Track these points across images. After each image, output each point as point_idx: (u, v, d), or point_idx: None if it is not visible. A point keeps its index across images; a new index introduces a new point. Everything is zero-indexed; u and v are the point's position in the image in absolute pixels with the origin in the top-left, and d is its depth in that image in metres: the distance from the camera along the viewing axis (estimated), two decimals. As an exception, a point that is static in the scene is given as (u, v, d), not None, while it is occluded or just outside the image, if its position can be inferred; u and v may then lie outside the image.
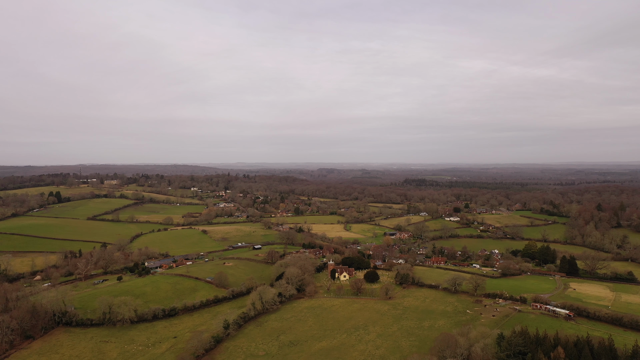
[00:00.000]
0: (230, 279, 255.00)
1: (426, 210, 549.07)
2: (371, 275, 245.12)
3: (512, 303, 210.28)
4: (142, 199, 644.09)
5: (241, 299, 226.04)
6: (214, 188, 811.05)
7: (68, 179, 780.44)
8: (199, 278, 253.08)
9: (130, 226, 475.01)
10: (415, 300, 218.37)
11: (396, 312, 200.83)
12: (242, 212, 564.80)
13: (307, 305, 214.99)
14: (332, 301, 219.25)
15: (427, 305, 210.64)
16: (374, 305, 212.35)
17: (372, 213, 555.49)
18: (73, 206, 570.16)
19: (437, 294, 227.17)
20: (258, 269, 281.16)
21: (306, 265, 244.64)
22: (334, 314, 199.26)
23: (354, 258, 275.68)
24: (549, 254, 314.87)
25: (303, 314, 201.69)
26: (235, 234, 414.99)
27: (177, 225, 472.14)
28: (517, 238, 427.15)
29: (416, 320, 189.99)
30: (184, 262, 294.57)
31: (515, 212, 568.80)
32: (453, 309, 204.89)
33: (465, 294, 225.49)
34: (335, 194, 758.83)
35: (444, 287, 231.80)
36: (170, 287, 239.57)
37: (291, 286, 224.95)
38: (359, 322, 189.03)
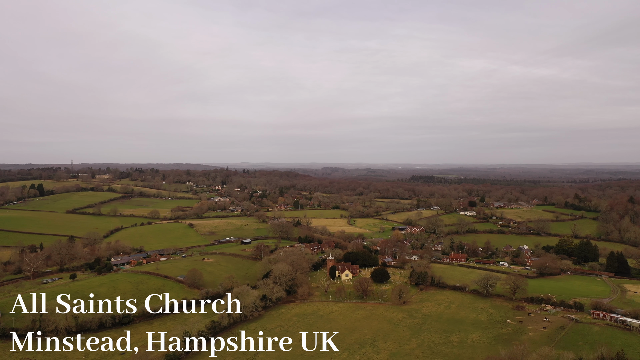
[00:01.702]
0: (206, 278, 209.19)
1: (438, 204, 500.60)
2: (380, 274, 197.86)
3: (564, 310, 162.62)
4: (132, 193, 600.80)
5: (217, 302, 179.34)
6: (211, 183, 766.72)
7: (57, 173, 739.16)
8: (169, 276, 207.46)
9: (111, 220, 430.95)
10: (438, 306, 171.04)
11: (414, 322, 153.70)
12: (237, 205, 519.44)
13: (298, 311, 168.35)
14: (330, 306, 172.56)
15: (454, 313, 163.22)
16: (385, 312, 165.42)
17: (378, 207, 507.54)
18: (54, 199, 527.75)
19: (464, 298, 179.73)
20: (243, 266, 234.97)
21: (299, 261, 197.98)
22: (333, 324, 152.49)
23: (358, 253, 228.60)
24: (589, 251, 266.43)
25: (292, 323, 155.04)
26: (224, 228, 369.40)
27: (163, 219, 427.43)
28: (542, 234, 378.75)
29: (441, 334, 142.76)
30: (158, 257, 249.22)
31: (536, 206, 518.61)
32: (488, 318, 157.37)
33: (500, 298, 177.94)
34: (339, 189, 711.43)
35: (472, 290, 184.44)
36: (131, 287, 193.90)
37: (279, 287, 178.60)
38: (364, 335, 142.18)
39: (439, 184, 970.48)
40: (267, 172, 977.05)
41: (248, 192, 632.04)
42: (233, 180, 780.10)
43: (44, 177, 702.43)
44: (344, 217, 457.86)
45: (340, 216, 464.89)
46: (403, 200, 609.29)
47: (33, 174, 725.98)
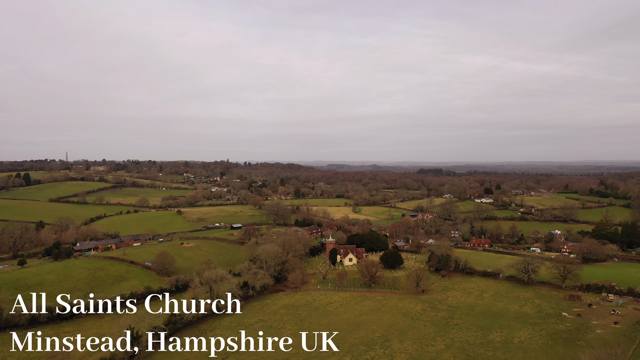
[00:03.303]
0: (181, 264, 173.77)
1: (450, 192, 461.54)
2: (391, 258, 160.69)
3: (634, 301, 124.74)
4: (124, 183, 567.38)
5: (190, 291, 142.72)
6: (209, 174, 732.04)
7: (48, 164, 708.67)
8: (135, 262, 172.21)
9: (96, 208, 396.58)
10: (466, 296, 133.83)
11: (438, 316, 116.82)
12: (234, 195, 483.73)
13: (287, 301, 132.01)
14: (329, 296, 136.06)
15: (489, 304, 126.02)
16: (399, 302, 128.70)
17: (385, 195, 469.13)
18: (40, 189, 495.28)
19: (498, 286, 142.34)
20: (227, 251, 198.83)
21: (292, 242, 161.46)
22: (331, 318, 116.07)
23: (364, 235, 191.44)
24: (636, 235, 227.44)
25: (278, 316, 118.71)
26: (216, 215, 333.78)
27: (152, 208, 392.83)
28: (570, 221, 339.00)
29: (476, 330, 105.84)
30: (131, 243, 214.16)
31: (558, 194, 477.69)
32: (536, 311, 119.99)
33: (545, 286, 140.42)
34: (343, 179, 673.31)
35: (508, 276, 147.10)
36: (86, 274, 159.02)
37: (265, 272, 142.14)
38: (373, 332, 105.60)
39: (447, 176, 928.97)
40: (269, 164, 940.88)
41: (247, 182, 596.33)
42: (233, 172, 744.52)
43: (35, 168, 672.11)
44: (349, 205, 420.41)
45: (344, 204, 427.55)
46: (412, 191, 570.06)
47: (24, 165, 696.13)
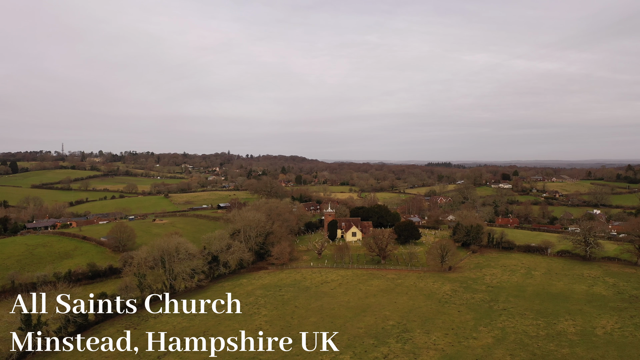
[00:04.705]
0: (146, 240, 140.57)
1: (464, 177, 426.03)
2: (406, 230, 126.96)
3: None
4: (116, 172, 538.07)
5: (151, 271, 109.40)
6: (209, 165, 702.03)
7: (42, 155, 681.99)
8: (88, 237, 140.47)
9: (80, 194, 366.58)
10: (510, 274, 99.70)
11: (475, 298, 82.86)
12: (231, 182, 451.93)
13: (270, 280, 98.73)
14: (324, 274, 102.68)
15: (544, 283, 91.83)
16: (418, 281, 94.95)
17: (394, 181, 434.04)
18: (25, 176, 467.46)
19: (550, 263, 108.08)
20: (206, 227, 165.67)
21: (281, 210, 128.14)
22: (325, 301, 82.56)
23: (371, 208, 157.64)
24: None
25: (253, 299, 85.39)
26: (206, 198, 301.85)
27: (139, 194, 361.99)
28: (601, 205, 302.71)
29: (535, 318, 71.85)
30: (97, 221, 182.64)
31: (582, 180, 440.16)
32: (613, 291, 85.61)
33: (615, 263, 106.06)
34: (349, 170, 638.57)
35: (560, 251, 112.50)
36: (22, 251, 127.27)
37: (242, 244, 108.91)
38: (385, 318, 71.84)
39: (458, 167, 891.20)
40: (272, 157, 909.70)
41: (246, 170, 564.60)
42: (233, 164, 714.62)
43: (27, 159, 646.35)
44: (354, 192, 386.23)
45: (349, 190, 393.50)
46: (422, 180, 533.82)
47: (17, 156, 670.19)
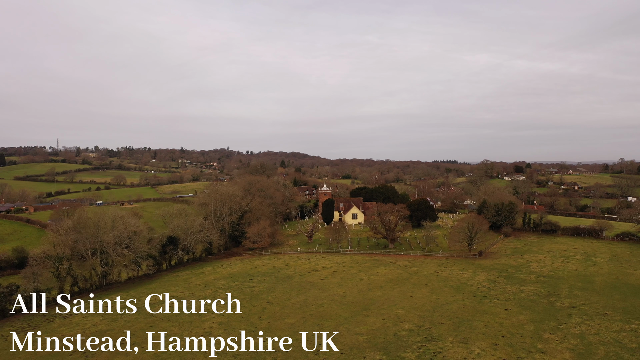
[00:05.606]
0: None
1: (473, 170, 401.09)
2: (420, 209, 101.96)
3: None
4: (108, 165, 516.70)
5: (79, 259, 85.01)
6: (207, 159, 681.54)
7: (34, 149, 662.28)
8: (33, 221, 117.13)
9: (64, 185, 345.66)
10: (564, 261, 74.91)
11: (525, 291, 57.97)
12: (227, 175, 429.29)
13: (240, 268, 74.45)
14: (314, 260, 78.36)
15: (615, 272, 66.93)
16: (441, 269, 70.33)
17: (399, 174, 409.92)
18: (12, 169, 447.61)
19: (610, 247, 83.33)
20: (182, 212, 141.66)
21: (263, 184, 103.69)
22: (312, 295, 58.04)
23: (375, 189, 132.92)
24: None
25: (210, 291, 60.70)
26: (194, 188, 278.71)
27: (127, 186, 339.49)
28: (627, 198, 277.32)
29: (627, 321, 46.77)
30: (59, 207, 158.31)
31: (600, 173, 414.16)
32: None
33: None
34: (351, 164, 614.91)
35: (622, 233, 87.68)
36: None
37: (212, 226, 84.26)
38: (398, 319, 47.15)
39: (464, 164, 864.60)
40: (273, 153, 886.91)
41: (244, 164, 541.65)
42: (232, 159, 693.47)
43: (19, 153, 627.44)
44: (356, 185, 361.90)
45: (351, 183, 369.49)
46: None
47: (9, 151, 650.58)
